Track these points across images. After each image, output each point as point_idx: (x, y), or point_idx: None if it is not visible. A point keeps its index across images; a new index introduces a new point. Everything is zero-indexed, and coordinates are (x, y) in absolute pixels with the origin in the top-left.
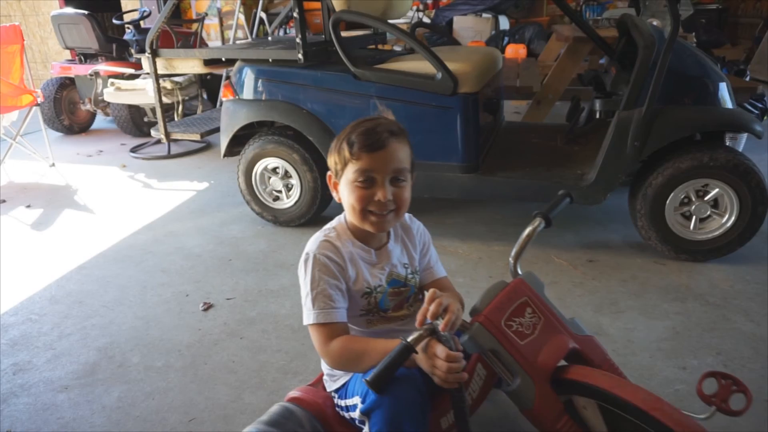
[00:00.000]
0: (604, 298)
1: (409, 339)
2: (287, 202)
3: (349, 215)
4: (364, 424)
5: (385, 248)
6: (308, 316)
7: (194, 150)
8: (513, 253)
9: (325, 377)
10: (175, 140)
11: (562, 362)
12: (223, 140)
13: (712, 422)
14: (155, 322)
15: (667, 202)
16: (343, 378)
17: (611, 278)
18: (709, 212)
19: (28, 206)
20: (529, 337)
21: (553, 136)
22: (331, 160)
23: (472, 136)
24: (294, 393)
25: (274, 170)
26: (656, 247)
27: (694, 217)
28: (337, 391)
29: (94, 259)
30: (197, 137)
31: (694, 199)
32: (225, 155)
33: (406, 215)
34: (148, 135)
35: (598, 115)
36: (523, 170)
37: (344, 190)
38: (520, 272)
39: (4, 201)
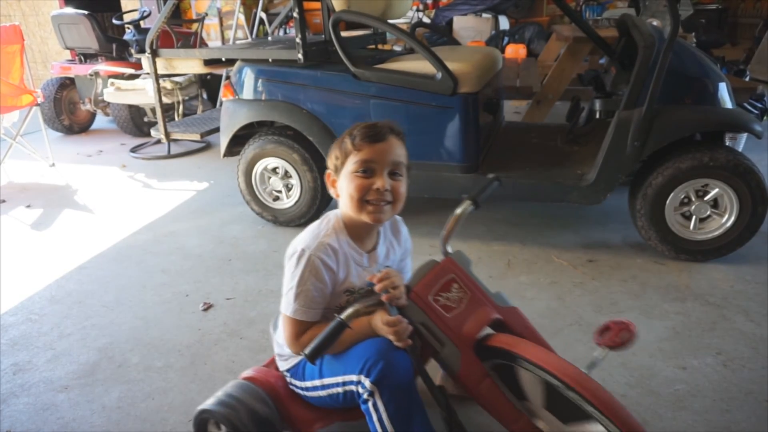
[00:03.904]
0: (604, 298)
1: (343, 316)
2: (287, 202)
3: (347, 207)
4: (370, 399)
5: (375, 252)
6: (287, 307)
7: (194, 150)
8: (442, 234)
9: (277, 357)
10: (175, 140)
11: (489, 331)
12: (223, 140)
13: (712, 422)
14: (155, 322)
15: (667, 202)
16: (293, 359)
17: (611, 278)
18: (709, 212)
19: (28, 206)
20: (455, 310)
21: (553, 136)
22: (332, 157)
23: (472, 136)
24: (248, 372)
25: (274, 170)
26: (656, 247)
27: (694, 217)
28: (288, 370)
29: (94, 259)
30: (197, 137)
31: (694, 199)
32: (225, 155)
33: (399, 218)
34: (148, 135)
35: (598, 115)
36: (523, 170)
37: (343, 183)
38: (449, 251)
39: (4, 201)
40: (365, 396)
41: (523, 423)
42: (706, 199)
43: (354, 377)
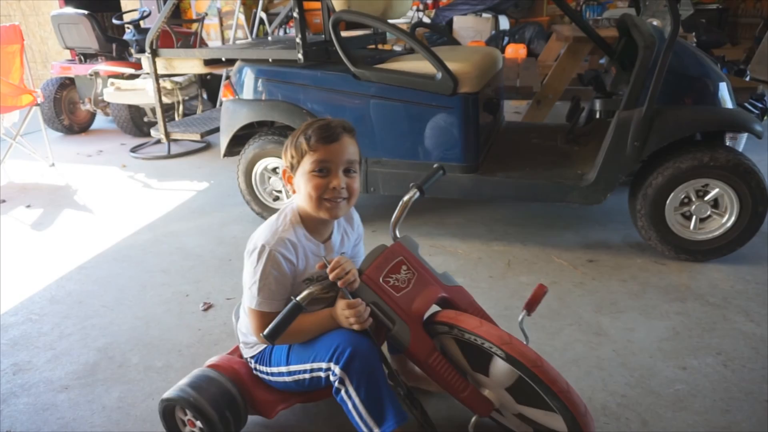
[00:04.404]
0: (604, 298)
1: (299, 298)
2: (287, 202)
3: (305, 204)
4: (342, 387)
5: (330, 241)
6: (251, 300)
7: (194, 150)
8: (392, 220)
9: (241, 345)
10: (175, 140)
11: (436, 308)
12: (223, 140)
13: (712, 422)
14: (155, 322)
15: (667, 202)
16: (258, 346)
17: (611, 278)
18: (709, 212)
19: (28, 206)
20: (404, 290)
21: (553, 136)
22: (287, 155)
23: (472, 136)
24: (212, 360)
25: (274, 170)
26: (656, 247)
27: (694, 217)
28: (253, 357)
29: (94, 259)
30: (197, 137)
31: (694, 199)
32: (225, 155)
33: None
34: (148, 135)
35: (598, 115)
36: (523, 170)
37: (300, 181)
38: (398, 236)
39: (4, 201)
40: (337, 385)
41: (470, 392)
42: (706, 199)
43: (323, 365)
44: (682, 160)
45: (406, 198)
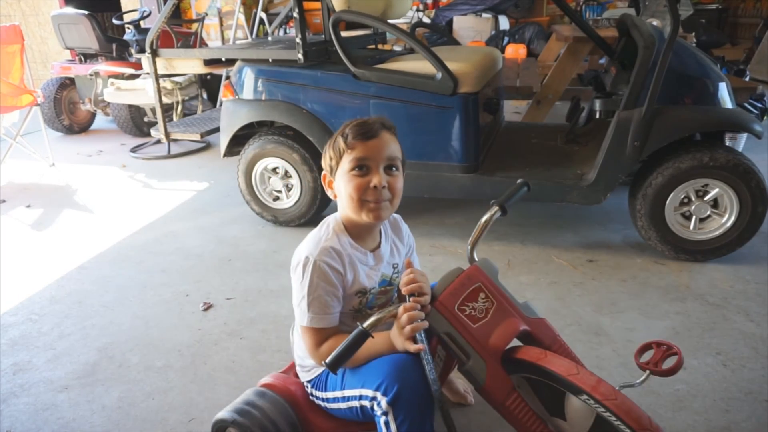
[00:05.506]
0: (604, 298)
1: (365, 325)
2: (287, 202)
3: (347, 208)
4: (384, 416)
5: (378, 251)
6: (302, 318)
7: (194, 150)
8: (470, 240)
9: (298, 368)
10: (175, 140)
11: (517, 342)
12: (223, 140)
13: (712, 422)
14: (155, 322)
15: (667, 202)
16: (316, 369)
17: (611, 278)
18: (709, 212)
19: (28, 206)
20: (481, 321)
21: (553, 136)
22: (326, 158)
23: (472, 136)
24: (267, 379)
25: (274, 170)
26: (656, 247)
27: (694, 217)
28: (310, 381)
29: (94, 259)
30: (197, 137)
31: (694, 199)
32: (225, 155)
33: (397, 217)
34: (148, 135)
35: (598, 115)
36: (523, 170)
37: (340, 183)
38: (476, 259)
39: (4, 201)
40: (379, 413)
41: None
42: (706, 199)
43: (370, 392)
44: (682, 160)
45: (486, 217)
